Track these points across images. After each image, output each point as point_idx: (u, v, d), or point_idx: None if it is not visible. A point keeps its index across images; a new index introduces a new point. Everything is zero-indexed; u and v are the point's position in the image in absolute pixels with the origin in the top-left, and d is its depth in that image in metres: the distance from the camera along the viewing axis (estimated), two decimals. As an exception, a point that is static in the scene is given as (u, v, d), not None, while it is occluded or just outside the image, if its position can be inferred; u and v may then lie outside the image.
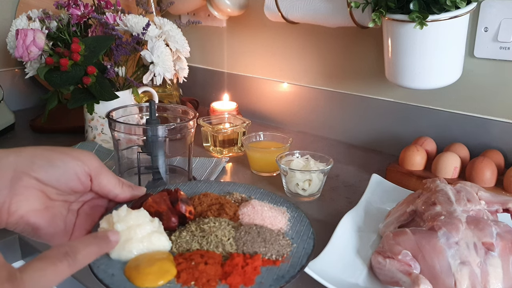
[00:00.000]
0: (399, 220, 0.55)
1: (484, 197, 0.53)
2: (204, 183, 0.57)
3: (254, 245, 0.42)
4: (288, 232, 0.46)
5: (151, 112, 0.64)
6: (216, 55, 1.17)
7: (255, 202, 0.49)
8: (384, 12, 0.67)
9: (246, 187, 0.56)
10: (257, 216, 0.47)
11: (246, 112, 1.09)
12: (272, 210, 0.48)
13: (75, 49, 0.77)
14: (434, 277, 0.44)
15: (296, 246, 0.44)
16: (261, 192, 0.55)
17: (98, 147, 0.82)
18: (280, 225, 0.47)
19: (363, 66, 0.90)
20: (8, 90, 1.12)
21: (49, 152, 0.41)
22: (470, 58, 0.75)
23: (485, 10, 0.72)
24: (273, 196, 0.54)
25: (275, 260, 0.41)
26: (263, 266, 0.40)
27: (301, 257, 0.42)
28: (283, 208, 0.51)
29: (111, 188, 0.46)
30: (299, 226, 0.48)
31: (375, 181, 0.68)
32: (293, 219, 0.49)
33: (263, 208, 0.48)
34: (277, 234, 0.45)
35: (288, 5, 0.86)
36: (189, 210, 0.46)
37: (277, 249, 0.43)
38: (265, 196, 0.54)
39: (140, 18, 0.83)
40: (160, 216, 0.45)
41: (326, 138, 0.98)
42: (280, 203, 0.52)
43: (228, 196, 0.53)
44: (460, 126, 0.79)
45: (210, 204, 0.50)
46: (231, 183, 0.57)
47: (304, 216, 0.49)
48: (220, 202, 0.50)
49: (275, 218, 0.47)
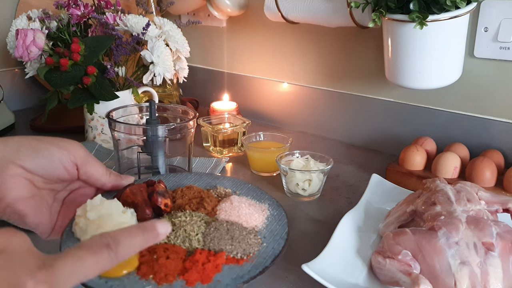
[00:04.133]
0: (399, 220, 0.55)
1: (484, 197, 0.53)
2: (194, 175, 0.56)
3: (221, 242, 0.42)
4: (262, 231, 0.46)
5: (151, 112, 0.64)
6: (216, 55, 1.17)
7: (234, 198, 0.49)
8: (384, 12, 0.67)
9: (235, 181, 0.55)
10: (234, 212, 0.47)
11: (246, 112, 1.09)
12: (250, 207, 0.48)
13: (75, 49, 0.77)
14: (434, 277, 0.44)
15: (265, 246, 0.43)
16: (248, 188, 0.54)
17: (98, 147, 0.82)
18: (256, 222, 0.46)
19: (363, 66, 0.90)
20: (8, 90, 1.12)
21: (35, 142, 0.41)
22: (470, 58, 0.75)
23: (485, 10, 0.72)
24: (258, 193, 0.53)
25: (239, 259, 0.41)
26: (226, 264, 0.40)
27: (267, 257, 0.41)
28: (264, 205, 0.50)
29: (98, 177, 0.46)
30: (276, 225, 0.47)
31: (375, 181, 0.68)
32: (272, 218, 0.48)
33: (240, 205, 0.47)
34: (249, 232, 0.44)
35: (288, 5, 0.86)
36: (165, 202, 0.46)
37: (243, 247, 0.42)
38: (250, 192, 0.53)
39: (140, 18, 0.83)
40: (136, 207, 0.45)
41: (326, 138, 0.98)
42: (264, 200, 0.51)
43: (212, 190, 0.53)
44: (460, 126, 0.79)
45: (192, 197, 0.49)
46: (221, 176, 0.57)
47: (283, 215, 0.48)
48: (202, 196, 0.50)
49: (251, 216, 0.47)
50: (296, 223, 0.63)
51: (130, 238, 0.32)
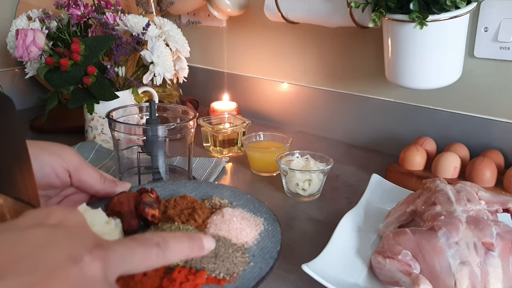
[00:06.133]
0: (399, 220, 0.55)
1: (484, 197, 0.53)
2: (193, 184, 0.55)
3: (203, 260, 0.39)
4: (252, 248, 0.43)
5: (151, 112, 0.64)
6: (216, 55, 1.17)
7: (227, 211, 0.46)
8: (384, 12, 0.67)
9: (233, 191, 0.53)
10: (224, 226, 0.44)
11: (246, 112, 1.09)
12: (243, 221, 0.45)
13: (75, 49, 0.77)
14: (434, 277, 0.44)
15: (252, 265, 0.40)
16: (246, 199, 0.51)
17: (98, 147, 0.82)
18: (246, 238, 0.44)
19: (363, 66, 0.90)
20: (8, 90, 1.12)
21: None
22: (470, 58, 0.75)
23: (485, 10, 0.72)
24: (256, 205, 0.50)
25: (221, 279, 0.38)
26: (206, 284, 0.37)
27: (251, 279, 0.38)
28: (260, 219, 0.47)
29: (92, 183, 0.45)
30: (268, 242, 0.44)
31: (375, 181, 0.68)
32: (265, 233, 0.45)
33: (232, 218, 0.45)
34: (236, 250, 0.41)
35: (288, 5, 0.86)
36: (152, 214, 0.44)
37: (227, 266, 0.39)
38: (247, 204, 0.50)
39: (140, 18, 0.83)
40: (122, 217, 0.44)
41: (326, 138, 0.98)
42: (261, 213, 0.49)
43: (207, 201, 0.51)
44: (460, 126, 0.79)
45: (184, 208, 0.47)
46: (220, 185, 0.55)
47: (278, 232, 0.45)
48: (194, 207, 0.47)
49: (242, 231, 0.44)
50: (296, 223, 0.63)
51: (178, 244, 0.32)
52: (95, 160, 0.79)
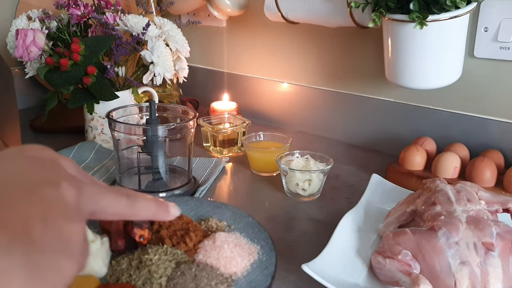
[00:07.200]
0: (399, 220, 0.55)
1: (484, 197, 0.53)
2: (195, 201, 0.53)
3: None
4: (240, 280, 0.40)
5: (151, 112, 0.64)
6: (216, 55, 1.17)
7: (219, 236, 0.43)
8: (384, 12, 0.67)
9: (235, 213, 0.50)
10: (214, 253, 0.41)
11: (246, 112, 1.09)
12: (235, 249, 0.42)
13: (75, 49, 0.77)
14: (434, 277, 0.44)
15: None
16: (246, 222, 0.48)
17: (98, 147, 0.82)
18: (236, 269, 0.41)
19: (363, 66, 0.90)
20: (8, 90, 1.12)
21: None
22: (470, 58, 0.75)
23: (485, 10, 0.72)
24: (255, 229, 0.47)
25: None
26: None
27: None
28: (256, 247, 0.44)
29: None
30: (259, 275, 0.41)
31: (375, 181, 0.68)
32: (258, 264, 0.42)
33: (223, 245, 0.42)
34: (220, 282, 0.38)
35: (288, 5, 0.86)
36: (140, 234, 0.42)
37: None
38: (247, 228, 0.47)
39: (140, 18, 0.83)
40: (110, 236, 0.42)
41: (326, 138, 0.98)
42: (258, 240, 0.46)
43: (204, 222, 0.48)
44: (460, 126, 0.79)
45: (178, 229, 0.45)
46: (223, 205, 0.52)
47: (272, 263, 0.42)
48: (189, 228, 0.45)
49: (232, 260, 0.41)
50: (296, 223, 0.63)
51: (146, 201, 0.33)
52: (95, 160, 0.79)
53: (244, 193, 0.72)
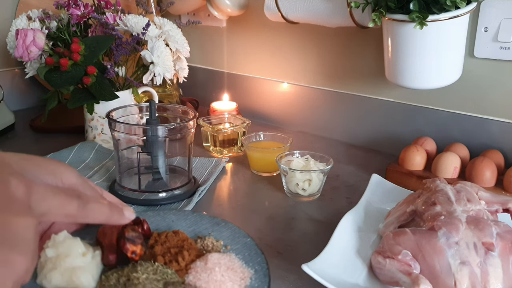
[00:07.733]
0: (399, 220, 0.55)
1: (484, 197, 0.53)
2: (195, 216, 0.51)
3: None
4: None
5: (151, 112, 0.64)
6: (216, 55, 1.17)
7: (212, 257, 0.42)
8: (384, 12, 0.67)
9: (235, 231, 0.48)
10: (204, 276, 0.40)
11: (246, 112, 1.09)
12: (226, 272, 0.41)
13: (75, 49, 0.77)
14: (434, 277, 0.44)
15: None
16: (244, 243, 0.46)
17: (98, 147, 0.82)
18: None
19: (363, 66, 0.90)
20: (8, 90, 1.12)
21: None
22: (470, 58, 0.75)
23: (485, 10, 0.72)
24: (252, 252, 0.46)
25: None
26: None
27: None
28: (250, 271, 0.43)
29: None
30: None
31: (375, 181, 0.68)
32: None
33: (215, 267, 0.41)
34: None
35: (288, 5, 0.86)
36: (132, 250, 0.41)
37: None
38: (244, 249, 0.46)
39: (140, 18, 0.83)
40: (102, 249, 0.42)
41: (326, 138, 0.98)
42: (253, 264, 0.44)
43: (200, 240, 0.47)
44: (460, 126, 0.79)
45: (172, 246, 0.44)
46: (223, 222, 0.51)
47: None
48: (183, 246, 0.44)
49: (222, 284, 0.39)
50: (296, 223, 0.63)
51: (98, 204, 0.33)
52: (95, 160, 0.79)
53: (244, 193, 0.72)
